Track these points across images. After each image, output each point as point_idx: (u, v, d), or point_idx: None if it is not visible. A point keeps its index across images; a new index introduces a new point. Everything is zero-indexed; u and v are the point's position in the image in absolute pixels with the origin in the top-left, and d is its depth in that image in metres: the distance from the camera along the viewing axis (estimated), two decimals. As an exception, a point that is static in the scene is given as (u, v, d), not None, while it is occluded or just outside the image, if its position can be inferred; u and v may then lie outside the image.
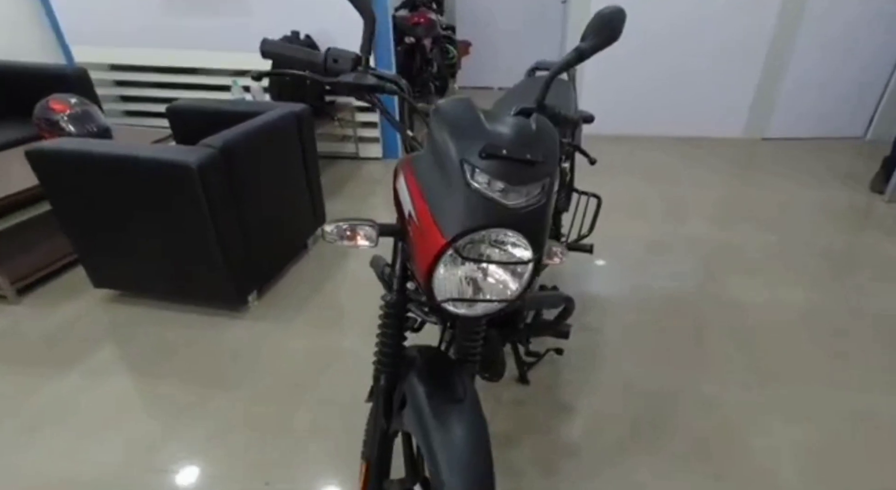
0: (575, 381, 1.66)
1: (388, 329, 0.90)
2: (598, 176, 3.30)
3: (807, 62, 3.67)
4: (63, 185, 1.76)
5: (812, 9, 3.49)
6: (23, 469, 1.36)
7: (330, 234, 0.80)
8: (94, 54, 3.55)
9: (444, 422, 0.81)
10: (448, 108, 0.78)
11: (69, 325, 1.92)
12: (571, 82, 1.82)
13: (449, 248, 0.72)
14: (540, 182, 0.77)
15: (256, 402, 1.58)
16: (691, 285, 2.16)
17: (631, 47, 3.76)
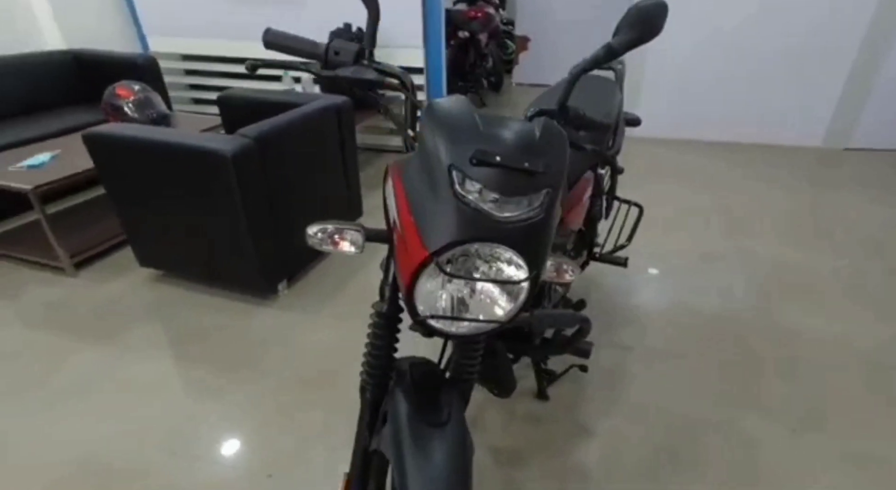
0: (597, 401, 1.56)
1: (378, 340, 0.86)
2: (649, 184, 3.10)
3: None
4: (114, 168, 1.86)
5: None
6: (52, 434, 1.45)
7: (312, 236, 0.76)
8: (167, 44, 3.76)
9: (423, 445, 0.76)
10: (441, 108, 0.72)
11: (115, 300, 2.04)
12: (619, 82, 1.69)
13: (431, 261, 0.66)
14: (538, 194, 0.69)
15: (276, 392, 1.60)
16: (741, 307, 1.97)
17: (698, 43, 3.50)
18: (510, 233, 0.66)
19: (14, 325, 1.89)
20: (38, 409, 1.53)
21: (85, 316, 1.95)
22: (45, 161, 2.17)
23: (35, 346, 1.79)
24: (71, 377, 1.65)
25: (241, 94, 2.32)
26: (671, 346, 1.78)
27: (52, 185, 1.99)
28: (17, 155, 2.25)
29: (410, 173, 0.71)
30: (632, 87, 3.76)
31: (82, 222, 2.42)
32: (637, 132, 3.92)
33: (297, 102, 2.15)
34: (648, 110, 3.82)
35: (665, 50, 3.57)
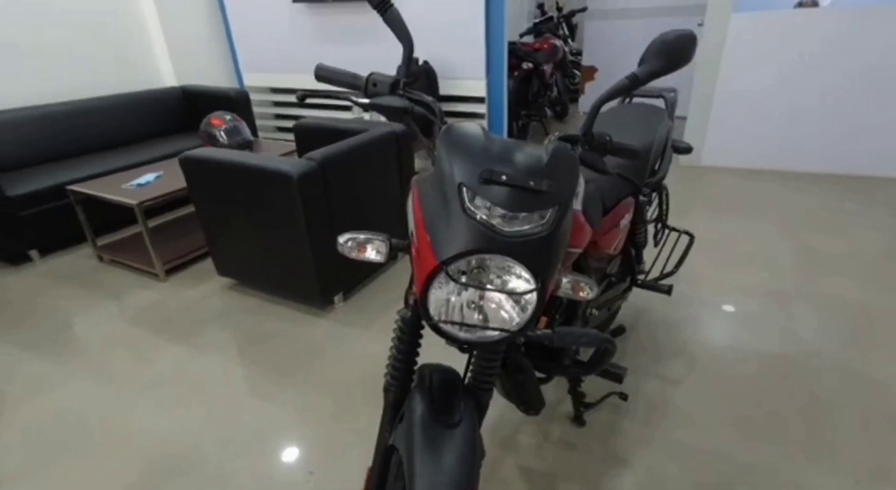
0: (635, 433, 1.51)
1: (401, 344, 0.93)
2: (716, 214, 2.97)
3: None
4: (201, 187, 2.12)
5: None
6: (133, 419, 1.66)
7: (343, 245, 0.86)
8: (259, 79, 4.22)
9: (433, 444, 0.81)
10: (456, 131, 0.80)
11: (195, 304, 2.28)
12: (669, 110, 1.69)
13: (441, 269, 0.73)
14: (545, 211, 0.74)
15: (324, 395, 1.71)
16: (815, 351, 1.82)
17: (782, 66, 3.34)
18: (516, 246, 0.72)
19: (115, 322, 2.18)
20: (125, 396, 1.75)
21: (171, 317, 2.20)
22: (150, 180, 2.51)
23: (129, 340, 2.05)
24: (154, 370, 1.87)
25: (314, 122, 2.56)
26: (721, 385, 1.68)
27: (153, 201, 2.30)
28: (130, 175, 2.62)
29: (427, 189, 0.79)
30: (699, 114, 3.64)
31: (174, 235, 2.75)
32: (705, 160, 3.77)
33: (362, 130, 2.34)
34: (717, 138, 3.67)
35: (738, 76, 3.45)
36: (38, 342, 2.05)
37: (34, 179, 2.67)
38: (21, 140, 2.89)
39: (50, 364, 1.92)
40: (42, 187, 2.60)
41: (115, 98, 3.37)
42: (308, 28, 3.77)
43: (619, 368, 1.33)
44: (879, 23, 3.03)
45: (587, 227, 1.09)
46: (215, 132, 2.82)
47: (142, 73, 3.74)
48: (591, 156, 0.94)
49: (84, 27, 3.33)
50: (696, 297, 2.15)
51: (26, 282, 2.51)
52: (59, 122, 3.06)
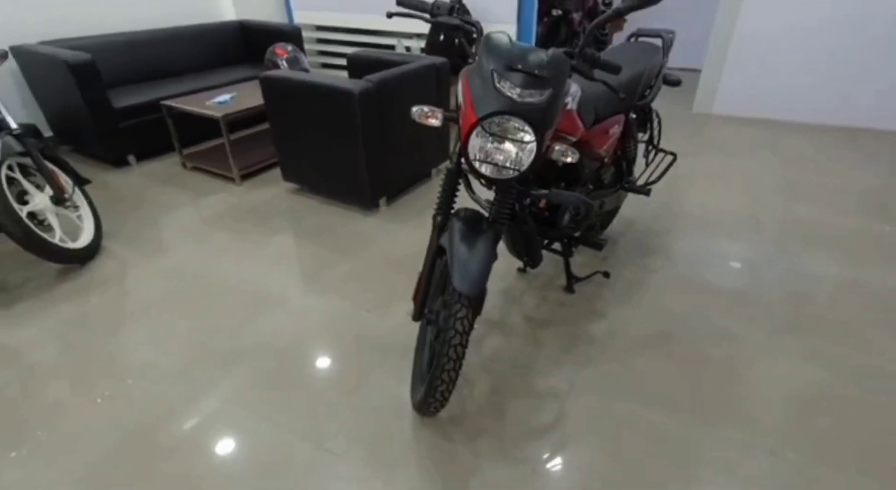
0: (613, 299, 1.99)
1: (446, 188, 1.39)
2: (719, 155, 3.32)
3: None
4: (277, 104, 2.58)
5: None
6: (232, 277, 2.21)
7: (414, 112, 1.32)
8: (307, 17, 4.57)
9: (465, 242, 1.28)
10: (492, 38, 1.23)
11: (265, 204, 2.80)
12: (665, 48, 2.04)
13: (478, 123, 1.18)
14: (544, 90, 1.18)
15: (370, 266, 2.23)
16: (768, 253, 2.25)
17: (787, 23, 3.56)
18: (525, 111, 1.16)
19: (204, 214, 2.71)
20: (222, 262, 2.30)
21: (246, 214, 2.72)
22: (226, 100, 2.98)
23: (217, 228, 2.59)
24: (238, 247, 2.41)
25: (366, 54, 2.96)
26: (688, 275, 2.14)
27: (235, 115, 2.77)
28: (208, 96, 3.09)
29: (472, 74, 1.23)
30: (714, 64, 3.89)
31: (247, 148, 3.25)
32: (716, 109, 4.05)
33: (405, 61, 2.74)
34: (729, 88, 3.93)
35: (754, 28, 3.67)
36: (148, 225, 2.61)
37: (133, 95, 3.17)
38: (120, 61, 3.39)
39: (160, 238, 2.48)
40: (141, 101, 3.10)
41: (186, 28, 3.80)
42: (355, -31, 4.08)
43: (601, 239, 1.79)
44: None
45: (579, 123, 1.52)
46: (278, 60, 3.25)
47: (206, 6, 4.14)
48: (582, 65, 1.35)
49: (159, -38, 3.72)
50: (680, 214, 2.57)
51: (129, 180, 3.06)
52: (146, 48, 3.52)
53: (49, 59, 2.83)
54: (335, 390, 1.61)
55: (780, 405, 1.52)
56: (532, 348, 1.77)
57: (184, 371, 1.68)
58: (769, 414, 1.49)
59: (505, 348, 1.77)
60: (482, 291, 1.23)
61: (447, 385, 1.27)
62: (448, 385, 1.27)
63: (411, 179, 2.89)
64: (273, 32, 4.03)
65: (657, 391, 1.58)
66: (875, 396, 1.54)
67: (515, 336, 1.83)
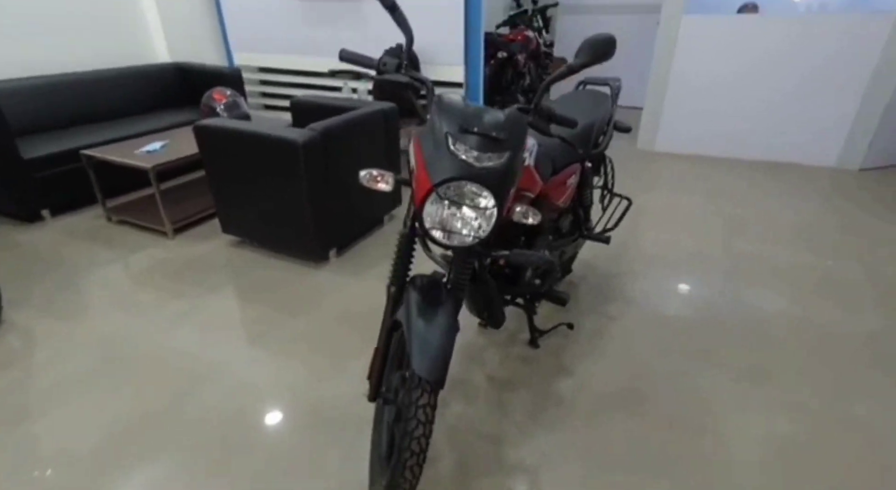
0: (578, 352, 1.91)
1: (400, 254, 1.28)
2: (661, 191, 3.40)
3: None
4: (213, 153, 2.40)
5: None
6: (164, 346, 1.96)
7: (362, 177, 1.20)
8: (248, 58, 4.43)
9: (425, 315, 1.16)
10: (444, 99, 1.15)
11: (202, 258, 2.57)
12: (613, 96, 2.06)
13: (433, 190, 1.08)
14: (502, 153, 1.10)
15: (320, 327, 2.05)
16: (719, 288, 2.26)
17: (718, 68, 3.78)
18: (483, 175, 1.07)
19: (131, 273, 2.45)
20: (150, 329, 2.05)
21: (180, 269, 2.48)
22: (157, 148, 2.77)
23: (146, 287, 2.33)
24: (170, 310, 2.17)
25: (310, 99, 2.85)
26: (651, 319, 2.10)
27: (166, 165, 2.56)
28: (136, 144, 2.86)
29: (424, 137, 1.14)
30: (654, 106, 4.07)
31: (180, 198, 3.01)
32: (658, 146, 4.21)
33: (354, 107, 2.65)
34: (668, 127, 4.11)
35: (687, 72, 3.88)
36: (64, 288, 2.32)
37: (48, 144, 2.89)
38: (33, 107, 3.09)
39: (79, 304, 2.19)
40: (56, 151, 2.82)
41: (115, 71, 3.56)
42: (298, 11, 4.01)
43: (563, 293, 1.72)
44: (809, 30, 3.49)
45: (538, 179, 1.45)
46: (216, 106, 3.08)
47: (137, 48, 3.92)
48: (539, 122, 1.30)
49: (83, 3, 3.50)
50: (636, 255, 2.57)
51: (43, 238, 2.74)
52: (67, 92, 3.25)
53: (-53, 108, 2.53)
54: (284, 477, 1.41)
55: (756, 466, 1.46)
56: (498, 414, 1.64)
57: (104, 458, 1.43)
58: (747, 476, 1.43)
59: (469, 415, 1.63)
60: (446, 372, 1.11)
61: (411, 483, 1.11)
62: (412, 482, 1.12)
63: (362, 227, 2.76)
64: (212, 75, 3.86)
65: (630, 458, 1.48)
66: (845, 445, 1.52)
67: (479, 399, 1.70)
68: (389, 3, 1.19)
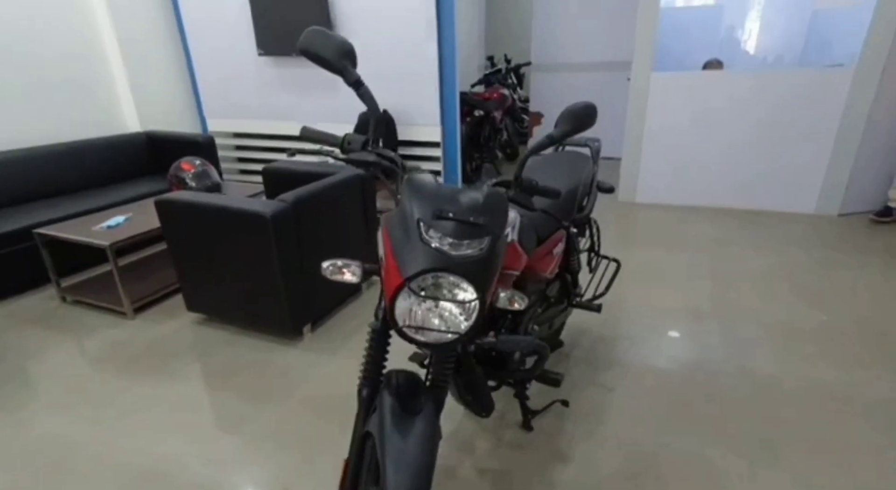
0: (576, 434, 1.73)
1: (372, 350, 1.13)
2: (646, 245, 3.35)
3: (880, 139, 3.50)
4: (176, 227, 2.26)
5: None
6: (113, 445, 1.73)
7: (325, 269, 1.07)
8: (222, 124, 4.39)
9: (400, 427, 1.00)
10: (415, 180, 1.04)
11: (165, 339, 2.37)
12: (593, 156, 2.01)
13: (405, 285, 0.95)
14: (482, 239, 0.98)
15: (294, 416, 1.85)
16: (718, 354, 2.13)
17: (690, 118, 3.85)
18: (461, 265, 0.95)
19: (86, 358, 2.23)
20: (103, 423, 1.82)
21: (142, 351, 2.27)
22: (120, 222, 2.62)
23: (101, 374, 2.11)
24: (127, 400, 1.95)
25: (282, 166, 2.76)
26: (650, 390, 1.95)
27: (125, 242, 2.41)
28: (99, 218, 2.71)
29: (393, 224, 1.02)
30: (631, 158, 4.10)
31: (142, 274, 2.83)
32: (639, 198, 4.21)
33: (328, 173, 2.56)
34: (647, 178, 4.13)
35: (661, 126, 3.94)
36: (7, 381, 2.08)
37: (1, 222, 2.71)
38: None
39: (24, 399, 1.96)
40: (8, 230, 2.65)
41: (80, 143, 3.46)
42: (272, 78, 4.03)
43: (556, 374, 1.57)
44: (772, 84, 3.59)
45: (522, 254, 1.34)
46: (184, 176, 2.97)
47: (106, 118, 3.85)
48: (521, 196, 1.20)
49: (48, 72, 3.44)
50: (626, 316, 2.45)
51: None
52: (24, 167, 3.12)
53: None
54: None
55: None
56: (493, 518, 1.44)
57: None
58: None
59: (460, 524, 1.43)
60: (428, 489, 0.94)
61: None
62: None
63: (338, 298, 2.60)
64: (183, 143, 3.79)
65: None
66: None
67: (471, 501, 1.50)
68: (353, 80, 1.11)
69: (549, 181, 1.74)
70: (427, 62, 3.48)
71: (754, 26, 4.86)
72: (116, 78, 3.89)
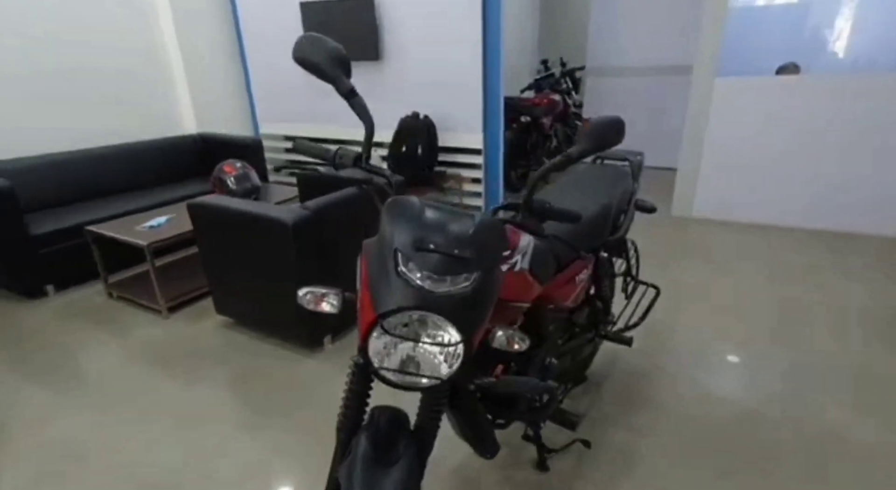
0: (598, 481, 1.56)
1: (353, 386, 1.03)
2: (700, 265, 3.05)
3: None
4: (206, 231, 2.29)
5: None
6: (115, 447, 1.75)
7: (301, 298, 0.99)
8: (273, 128, 4.51)
9: (370, 481, 0.90)
10: (398, 203, 0.94)
11: (193, 341, 2.41)
12: (634, 172, 1.82)
13: (378, 322, 0.85)
14: (469, 274, 0.87)
15: (308, 428, 1.80)
16: (778, 399, 1.87)
17: (766, 126, 3.50)
18: (443, 304, 0.83)
19: (117, 356, 2.31)
20: (118, 425, 1.86)
21: (169, 353, 2.32)
22: (161, 222, 2.70)
23: (129, 372, 2.17)
24: (147, 402, 1.98)
25: (314, 173, 2.75)
26: (690, 437, 1.73)
27: (162, 242, 2.47)
28: (145, 217, 2.82)
29: (371, 253, 0.92)
30: (689, 168, 3.79)
31: (180, 275, 2.91)
32: (696, 212, 3.88)
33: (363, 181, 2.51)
34: (706, 191, 3.79)
35: (725, 134, 3.60)
36: (43, 375, 2.18)
37: (56, 219, 2.88)
38: (47, 183, 3.13)
39: (52, 395, 2.04)
40: (62, 227, 2.81)
41: (139, 144, 3.64)
42: (319, 83, 4.06)
43: (574, 416, 1.41)
44: (858, 89, 3.18)
45: (534, 284, 1.20)
46: (226, 178, 3.03)
47: (165, 120, 4.05)
48: (531, 221, 1.06)
49: (118, 78, 3.66)
50: (669, 348, 2.22)
51: (38, 316, 2.67)
52: (84, 166, 3.31)
53: (-39, 187, 2.57)
54: None
55: None
56: (493, 571, 1.31)
57: None
58: None
59: (455, 574, 1.31)
60: None
61: None
62: None
63: (363, 308, 2.54)
64: (233, 145, 3.90)
65: None
66: None
67: (471, 548, 1.37)
68: (346, 90, 1.03)
69: (578, 198, 1.58)
70: (470, 67, 3.37)
71: (845, 26, 4.35)
72: (177, 83, 4.08)
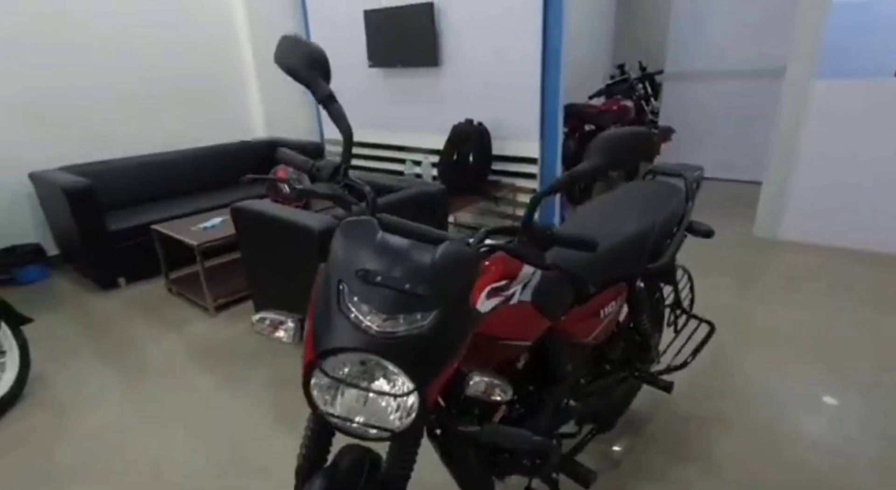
0: (622, 545, 1.35)
1: (312, 424, 0.94)
2: (783, 296, 2.65)
3: None
4: (247, 234, 2.34)
5: None
6: (148, 441, 1.81)
7: (256, 325, 0.91)
8: (336, 133, 4.62)
9: None
10: (350, 227, 0.82)
11: (234, 341, 2.47)
12: (691, 190, 1.58)
13: (316, 363, 0.74)
14: (426, 313, 0.73)
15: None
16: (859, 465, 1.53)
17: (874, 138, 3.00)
18: (391, 347, 0.71)
19: (166, 351, 2.42)
20: (149, 422, 1.93)
21: (211, 351, 2.39)
22: (216, 224, 2.82)
23: (172, 368, 2.27)
24: (182, 400, 2.05)
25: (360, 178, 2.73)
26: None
27: (211, 243, 2.57)
28: (204, 218, 2.96)
29: (320, 281, 0.82)
30: (777, 183, 3.34)
31: (229, 275, 3.02)
32: (782, 234, 3.41)
33: (402, 187, 2.46)
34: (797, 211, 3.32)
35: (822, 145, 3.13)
36: (104, 362, 2.34)
37: (130, 217, 3.13)
38: (126, 183, 3.41)
39: (106, 382, 2.18)
40: (134, 224, 3.04)
41: (210, 148, 3.88)
42: (381, 88, 4.10)
43: (587, 472, 1.22)
44: None
45: (538, 318, 1.05)
46: (278, 183, 3.11)
47: (238, 124, 4.28)
48: (528, 249, 0.91)
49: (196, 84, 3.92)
50: (730, 390, 1.92)
51: (109, 306, 2.89)
52: (159, 169, 3.58)
53: (51, 185, 2.85)
54: None
55: None
56: None
57: None
58: None
59: None
60: None
61: None
62: None
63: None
64: (297, 149, 3.97)
65: None
66: None
67: None
68: (324, 95, 0.95)
69: (612, 219, 1.38)
70: (529, 72, 3.21)
71: None
72: (250, 89, 4.31)
